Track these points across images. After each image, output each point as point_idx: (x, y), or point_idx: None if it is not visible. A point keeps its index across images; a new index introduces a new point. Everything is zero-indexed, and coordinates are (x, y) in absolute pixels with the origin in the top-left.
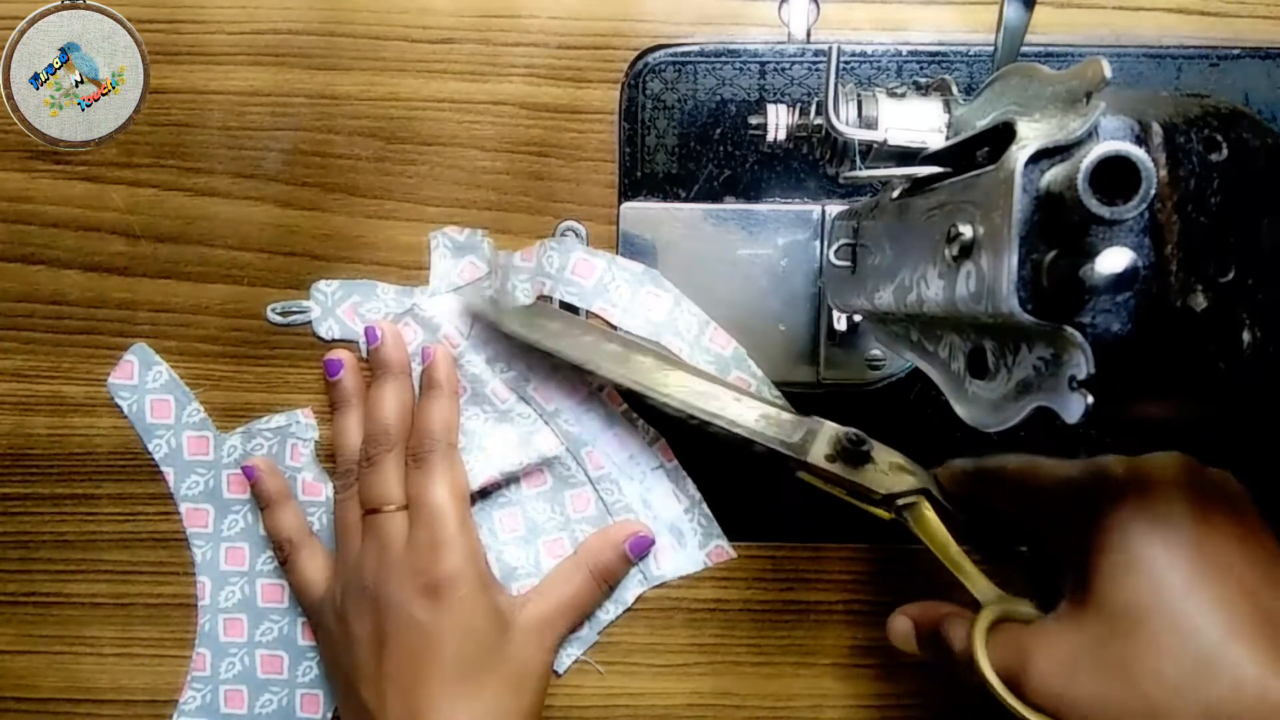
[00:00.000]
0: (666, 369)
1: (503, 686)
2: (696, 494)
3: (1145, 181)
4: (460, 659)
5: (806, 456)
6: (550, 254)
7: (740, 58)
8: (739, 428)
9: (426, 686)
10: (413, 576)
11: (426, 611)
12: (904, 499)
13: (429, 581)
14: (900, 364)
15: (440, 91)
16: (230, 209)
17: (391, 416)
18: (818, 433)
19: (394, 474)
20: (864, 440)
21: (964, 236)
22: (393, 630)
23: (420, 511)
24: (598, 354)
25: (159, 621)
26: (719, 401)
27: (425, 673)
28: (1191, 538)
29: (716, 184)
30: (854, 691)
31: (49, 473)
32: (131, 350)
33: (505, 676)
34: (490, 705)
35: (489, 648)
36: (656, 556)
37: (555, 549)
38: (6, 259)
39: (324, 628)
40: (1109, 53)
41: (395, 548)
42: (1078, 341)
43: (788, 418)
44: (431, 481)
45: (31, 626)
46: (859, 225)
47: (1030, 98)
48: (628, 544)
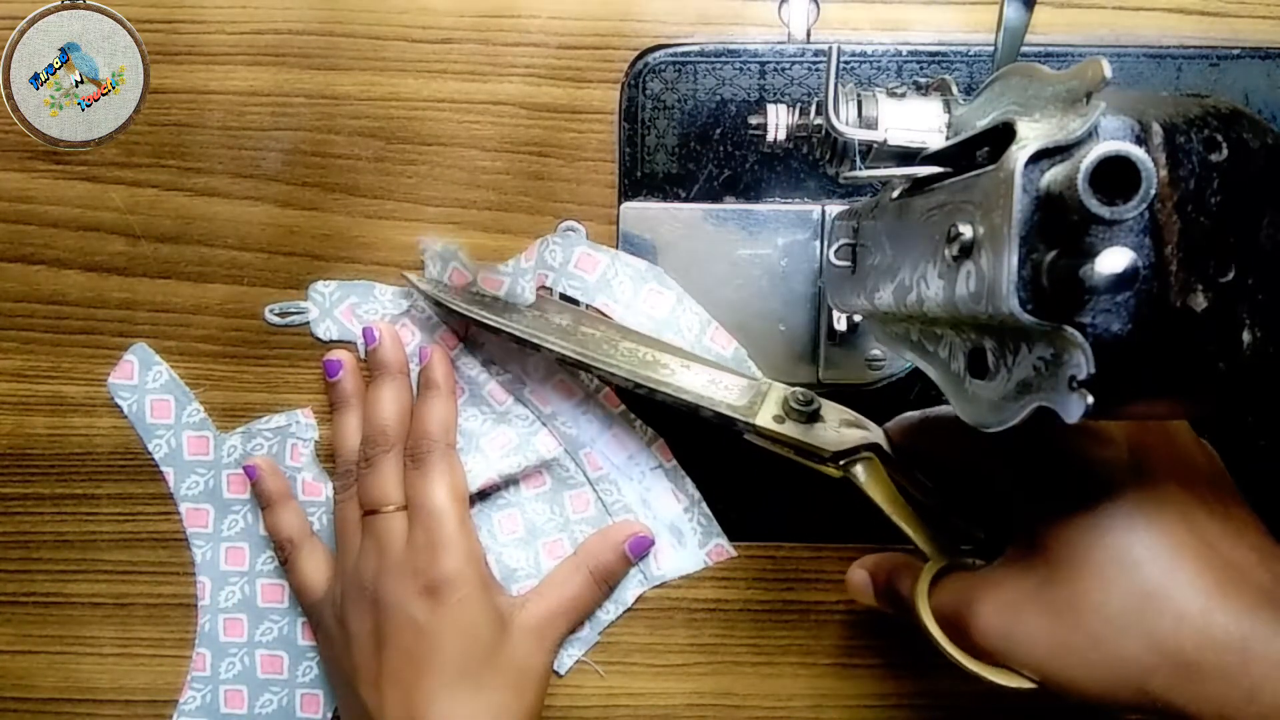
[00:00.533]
0: (615, 339)
1: (502, 687)
2: (696, 493)
3: (1145, 181)
4: (459, 659)
5: (754, 419)
6: (554, 248)
7: (740, 58)
8: (685, 393)
9: (425, 687)
10: (412, 577)
11: (425, 612)
12: (852, 456)
13: (428, 582)
14: (900, 364)
15: (440, 91)
16: (230, 209)
17: (390, 417)
18: (767, 394)
19: (393, 475)
20: (812, 400)
21: (964, 236)
22: (391, 630)
23: (419, 512)
24: (543, 327)
25: (159, 621)
26: (667, 369)
27: (424, 673)
28: (1134, 480)
29: (716, 184)
30: (854, 691)
31: (49, 473)
32: (131, 350)
33: (505, 677)
34: (489, 705)
35: (488, 648)
36: (656, 556)
37: (555, 550)
38: (6, 259)
39: (323, 628)
40: (1109, 53)
41: (394, 548)
42: (1078, 341)
43: (738, 382)
44: (430, 482)
45: (31, 626)
46: (859, 225)
47: (1030, 98)
48: (627, 544)
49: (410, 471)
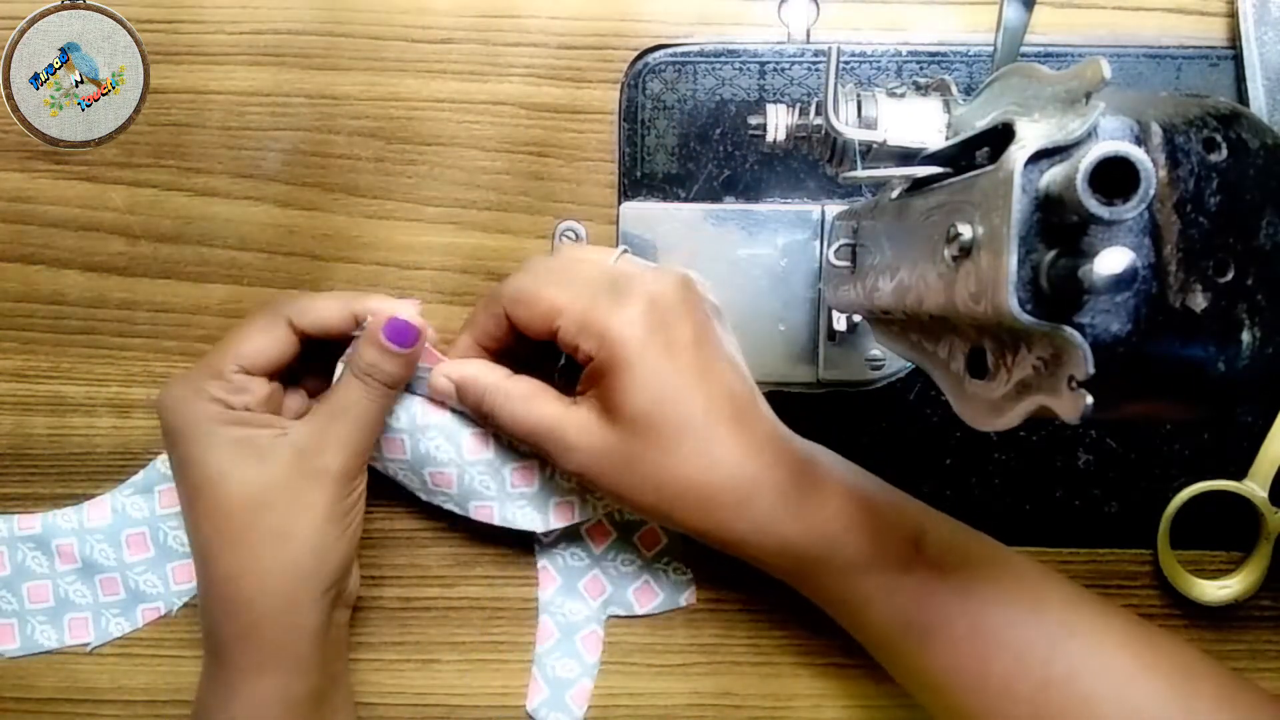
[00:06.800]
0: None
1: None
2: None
3: (1145, 182)
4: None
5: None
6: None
7: (740, 58)
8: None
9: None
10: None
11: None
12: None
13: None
14: (900, 364)
15: (440, 91)
16: (230, 209)
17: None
18: None
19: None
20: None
21: (963, 237)
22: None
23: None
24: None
25: (159, 621)
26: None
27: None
28: (692, 350)
29: (716, 184)
30: (854, 691)
31: (49, 473)
32: None
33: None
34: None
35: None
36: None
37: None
38: (6, 259)
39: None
40: (1109, 53)
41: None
42: (1077, 342)
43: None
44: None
45: None
46: (859, 225)
47: (1030, 98)
48: (384, 332)
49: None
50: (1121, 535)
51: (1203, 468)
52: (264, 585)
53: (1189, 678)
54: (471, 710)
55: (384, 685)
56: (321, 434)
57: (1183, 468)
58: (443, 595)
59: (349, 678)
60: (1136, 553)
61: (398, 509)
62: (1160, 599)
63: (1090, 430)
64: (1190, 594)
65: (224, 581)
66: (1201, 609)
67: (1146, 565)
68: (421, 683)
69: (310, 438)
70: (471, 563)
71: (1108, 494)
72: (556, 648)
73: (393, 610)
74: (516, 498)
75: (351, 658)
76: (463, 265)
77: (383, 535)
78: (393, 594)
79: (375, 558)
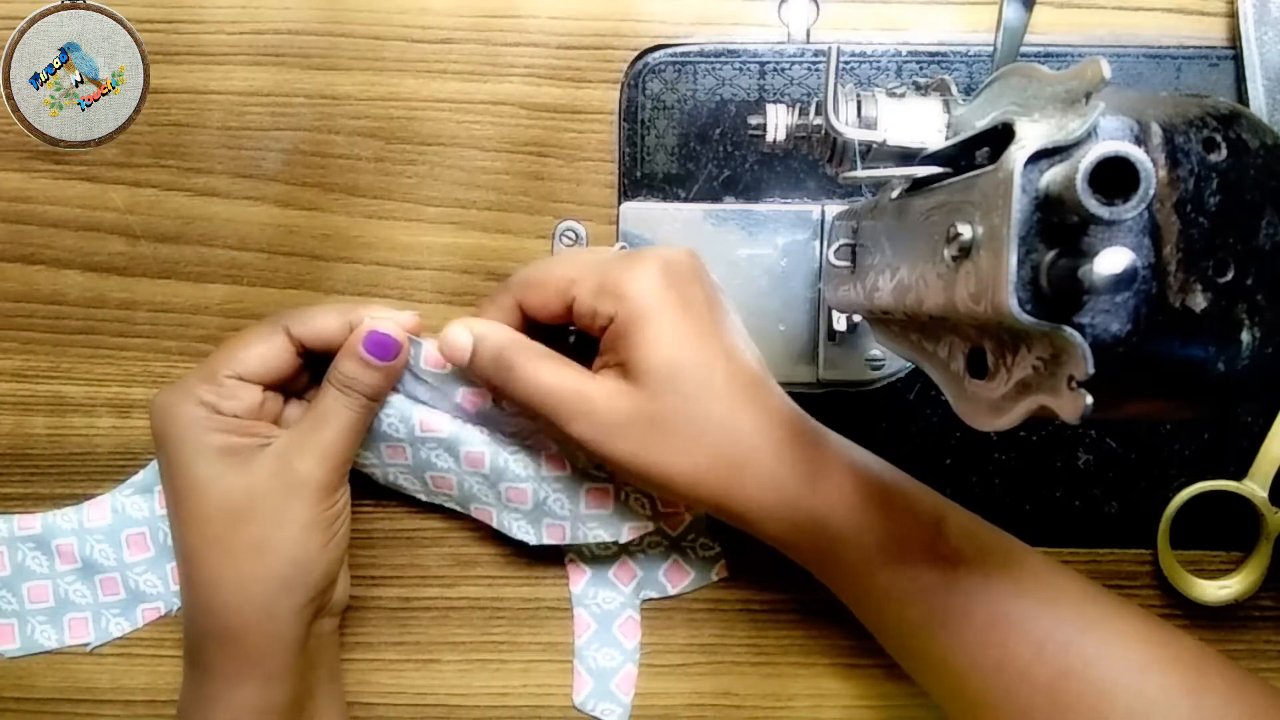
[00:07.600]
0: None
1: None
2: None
3: (1144, 182)
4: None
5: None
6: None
7: (740, 58)
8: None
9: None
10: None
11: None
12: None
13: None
14: (900, 364)
15: (440, 91)
16: (230, 209)
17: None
18: None
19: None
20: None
21: (963, 237)
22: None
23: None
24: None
25: (159, 621)
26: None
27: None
28: (706, 311)
29: (716, 184)
30: (854, 691)
31: (49, 473)
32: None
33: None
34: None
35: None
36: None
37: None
38: (6, 259)
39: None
40: (1109, 53)
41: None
42: (1077, 342)
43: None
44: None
45: None
46: (858, 225)
47: (1030, 98)
48: (363, 345)
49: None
50: (1121, 535)
51: (1203, 468)
52: (244, 594)
53: (1200, 672)
54: (471, 710)
55: (384, 685)
56: (301, 444)
57: (1183, 468)
58: (443, 595)
59: (337, 685)
60: (1136, 553)
61: (398, 509)
62: (1160, 599)
63: (1090, 430)
64: (1190, 594)
65: (205, 588)
66: (1201, 609)
67: (1146, 565)
68: (421, 683)
69: (291, 448)
70: (471, 563)
71: (1108, 494)
72: (595, 638)
73: (393, 610)
74: (512, 510)
75: (351, 658)
76: (463, 265)
77: (383, 535)
78: (393, 594)
79: (375, 558)
